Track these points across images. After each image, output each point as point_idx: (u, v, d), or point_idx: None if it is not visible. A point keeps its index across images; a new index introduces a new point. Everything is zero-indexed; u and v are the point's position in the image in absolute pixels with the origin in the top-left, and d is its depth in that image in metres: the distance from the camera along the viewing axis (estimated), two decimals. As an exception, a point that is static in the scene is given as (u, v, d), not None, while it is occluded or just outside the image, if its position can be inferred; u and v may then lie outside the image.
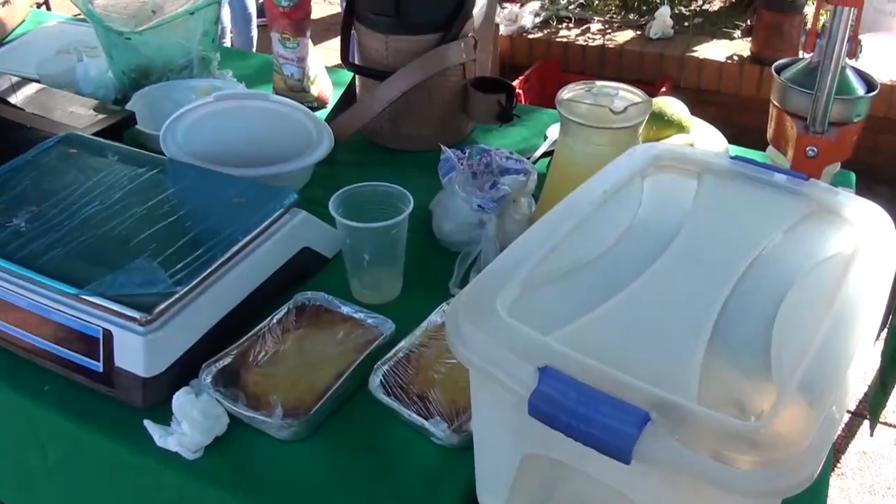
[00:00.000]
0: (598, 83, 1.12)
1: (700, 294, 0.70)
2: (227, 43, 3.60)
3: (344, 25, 1.44)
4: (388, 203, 1.09)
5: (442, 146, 1.22)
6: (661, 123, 1.38)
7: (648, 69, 3.35)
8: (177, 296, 0.94)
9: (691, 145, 1.38)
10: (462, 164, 1.18)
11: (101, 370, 0.96)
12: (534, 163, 1.39)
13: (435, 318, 1.01)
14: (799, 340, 0.65)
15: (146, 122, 1.44)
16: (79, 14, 1.82)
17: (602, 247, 0.76)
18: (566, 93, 1.10)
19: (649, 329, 0.68)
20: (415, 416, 0.89)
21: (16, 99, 1.53)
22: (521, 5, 3.52)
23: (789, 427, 0.56)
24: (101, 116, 1.42)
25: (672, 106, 1.42)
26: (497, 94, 1.38)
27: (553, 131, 1.48)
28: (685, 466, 0.55)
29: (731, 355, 0.66)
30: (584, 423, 0.57)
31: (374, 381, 0.93)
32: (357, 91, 1.50)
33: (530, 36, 3.43)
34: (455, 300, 0.68)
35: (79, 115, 1.43)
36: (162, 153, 1.27)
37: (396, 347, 0.97)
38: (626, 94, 1.09)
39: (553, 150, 1.42)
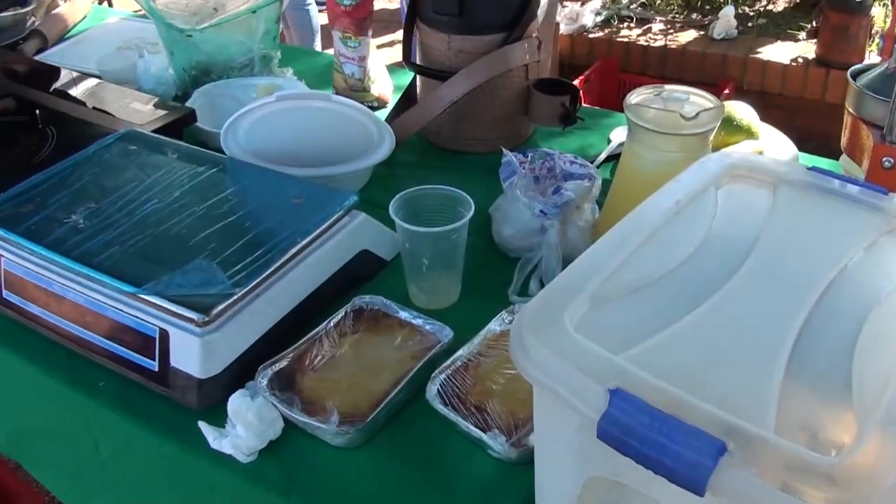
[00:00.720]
0: (668, 87, 1.08)
1: (778, 314, 0.67)
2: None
3: (406, 25, 1.43)
4: (449, 207, 1.07)
5: (503, 149, 1.19)
6: (730, 129, 1.34)
7: (711, 70, 3.29)
8: (235, 297, 0.93)
9: (760, 152, 1.33)
10: (524, 168, 1.16)
11: (156, 369, 0.95)
12: (597, 167, 1.36)
13: (494, 326, 0.99)
14: (882, 367, 0.61)
15: (206, 120, 1.44)
16: (140, 10, 1.83)
17: (674, 261, 0.73)
18: (634, 97, 1.07)
19: (724, 350, 0.64)
20: (472, 427, 0.87)
21: (76, 94, 1.55)
22: (582, 4, 3.48)
23: (871, 463, 0.53)
24: (161, 113, 1.42)
25: (741, 111, 1.38)
26: (561, 96, 1.35)
27: (617, 135, 1.44)
28: (762, 501, 0.52)
29: (810, 381, 0.62)
30: (657, 451, 0.54)
31: (432, 389, 0.91)
32: (418, 91, 1.49)
33: (591, 35, 3.39)
34: (520, 313, 0.66)
35: (139, 111, 1.44)
36: (222, 151, 1.27)
37: (454, 356, 0.94)
38: (697, 99, 1.06)
39: (617, 155, 1.39)
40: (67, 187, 1.13)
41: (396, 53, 3.60)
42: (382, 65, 1.63)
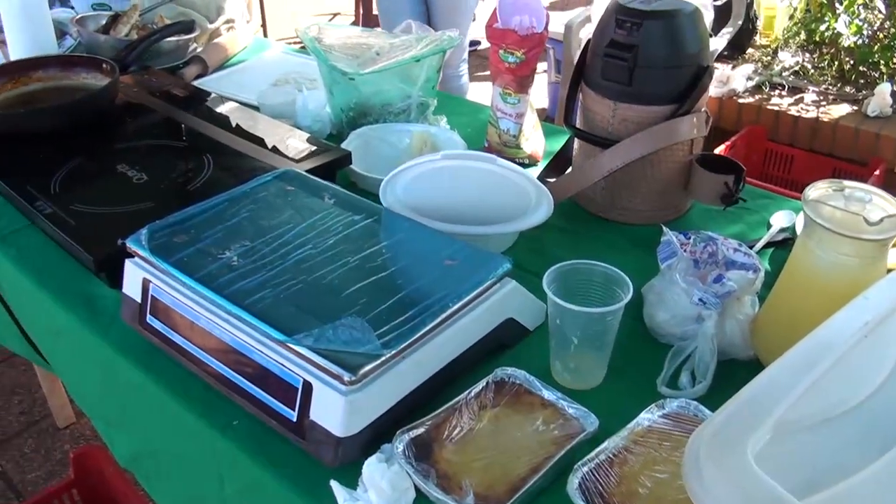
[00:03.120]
0: (847, 183, 1.02)
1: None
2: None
3: (571, 86, 1.40)
4: (605, 285, 1.03)
5: (664, 227, 1.15)
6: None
7: (862, 148, 3.15)
8: (383, 359, 0.91)
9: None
10: (685, 250, 1.11)
11: (294, 419, 0.94)
12: (756, 253, 1.30)
13: (643, 420, 0.94)
14: None
15: (359, 162, 1.45)
16: (298, 43, 1.86)
17: (863, 391, 0.68)
18: (813, 191, 1.01)
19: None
20: (615, 532, 0.82)
21: (231, 123, 1.57)
22: (734, 67, 3.39)
23: None
24: (318, 152, 1.43)
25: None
26: (725, 174, 1.30)
27: (778, 220, 1.38)
28: None
29: None
30: None
31: (573, 482, 0.86)
32: (573, 154, 1.46)
33: (740, 100, 3.30)
34: (698, 433, 0.62)
35: (295, 147, 1.45)
36: (372, 194, 1.26)
37: (599, 448, 0.90)
38: (880, 201, 0.99)
39: (777, 242, 1.33)
40: (223, 222, 1.13)
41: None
42: (538, 122, 1.60)
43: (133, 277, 1.14)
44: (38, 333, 1.47)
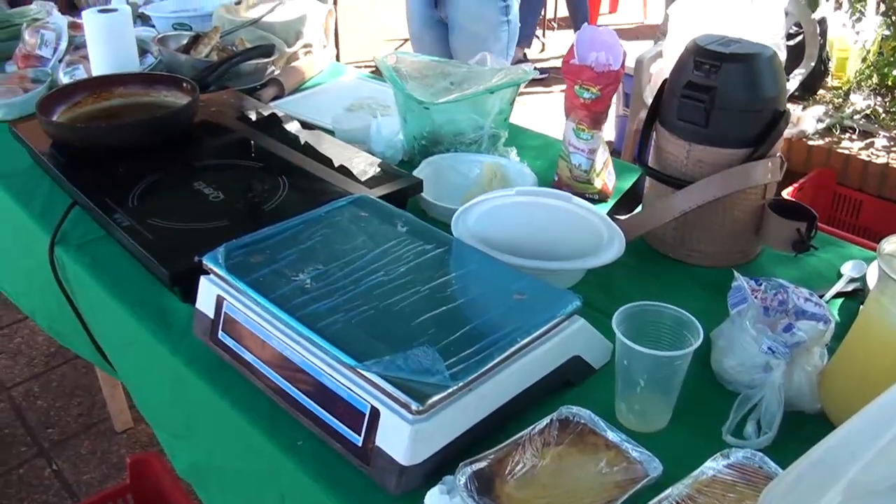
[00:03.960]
0: (925, 239, 1.01)
1: None
2: None
3: (646, 126, 1.40)
4: (674, 328, 1.03)
5: (735, 273, 1.15)
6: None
7: (931, 196, 3.09)
8: (450, 390, 0.92)
9: None
10: (756, 297, 1.10)
11: (359, 444, 0.95)
12: (826, 302, 1.28)
13: (707, 469, 0.93)
14: None
15: (429, 190, 1.47)
16: (368, 66, 1.89)
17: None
18: (888, 245, 1.00)
19: None
20: (676, 579, 0.82)
21: (307, 146, 1.60)
22: (804, 108, 3.35)
23: None
24: (391, 179, 1.45)
25: None
26: (797, 221, 1.29)
27: (849, 269, 1.36)
28: None
29: None
30: None
31: (635, 527, 0.86)
32: (644, 192, 1.45)
33: (810, 142, 3.26)
34: (769, 490, 0.62)
35: (367, 173, 1.47)
36: (440, 222, 1.27)
37: (662, 495, 0.89)
38: (958, 259, 0.98)
39: (848, 292, 1.32)
40: (298, 245, 1.16)
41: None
42: (609, 158, 1.61)
43: (207, 293, 1.16)
44: (107, 341, 1.50)
